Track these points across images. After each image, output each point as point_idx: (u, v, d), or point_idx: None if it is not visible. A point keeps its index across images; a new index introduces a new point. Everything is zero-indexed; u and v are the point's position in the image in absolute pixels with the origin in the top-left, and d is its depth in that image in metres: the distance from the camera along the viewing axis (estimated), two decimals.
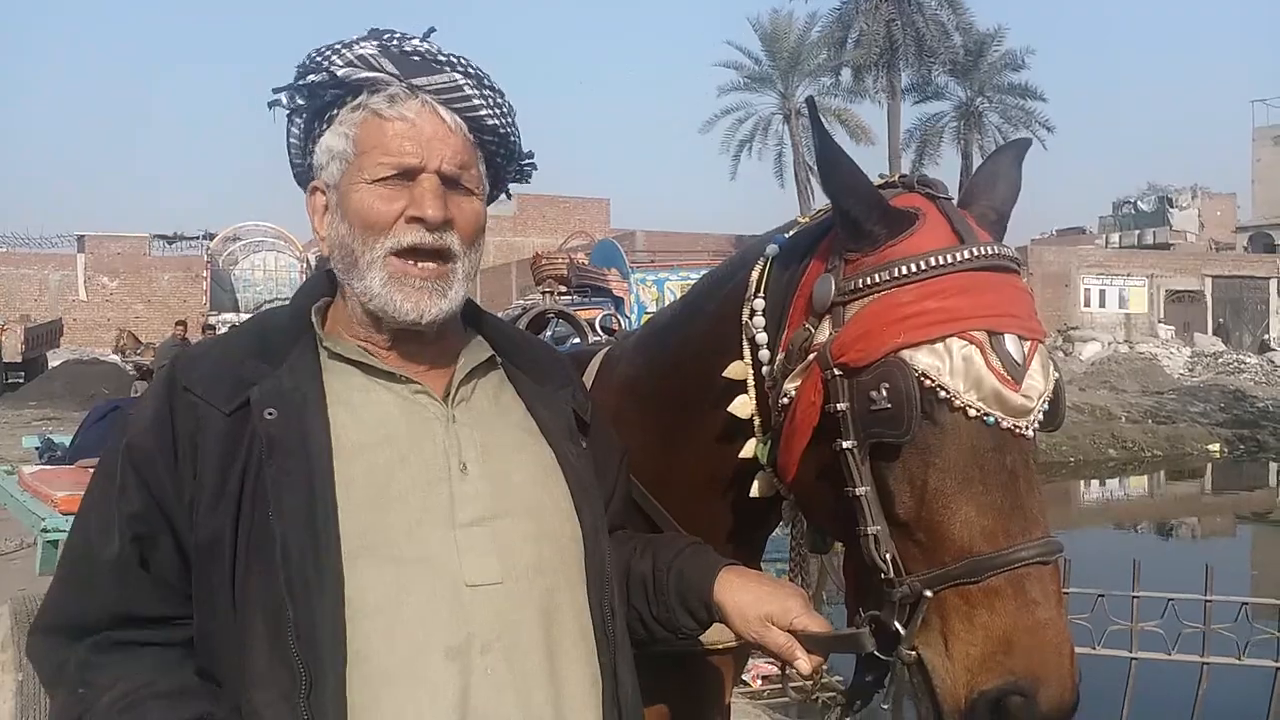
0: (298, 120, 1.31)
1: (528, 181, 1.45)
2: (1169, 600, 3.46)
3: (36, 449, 5.46)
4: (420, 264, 1.23)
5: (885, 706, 1.34)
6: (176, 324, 20.01)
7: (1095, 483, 18.03)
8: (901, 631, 1.20)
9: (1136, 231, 46.08)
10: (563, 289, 5.23)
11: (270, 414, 1.16)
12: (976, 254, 1.22)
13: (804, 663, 1.28)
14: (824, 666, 1.32)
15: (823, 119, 1.34)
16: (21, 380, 26.07)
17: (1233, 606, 3.42)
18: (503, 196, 1.46)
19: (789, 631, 1.28)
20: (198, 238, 35.93)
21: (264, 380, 1.19)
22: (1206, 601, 3.38)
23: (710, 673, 1.75)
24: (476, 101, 1.28)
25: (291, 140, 1.34)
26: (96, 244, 38.17)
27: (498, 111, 1.30)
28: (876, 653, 1.23)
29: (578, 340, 2.54)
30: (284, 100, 1.30)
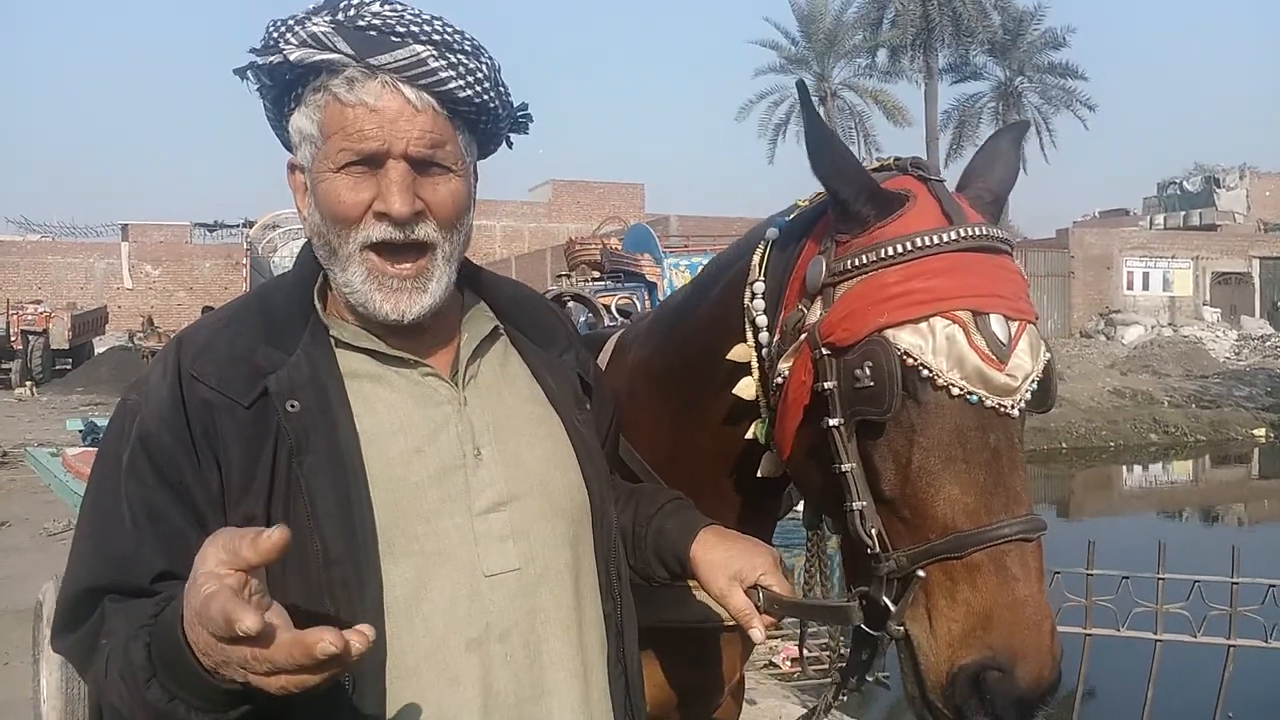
0: (266, 96, 1.25)
1: (525, 133, 1.36)
2: (1195, 582, 3.41)
3: (80, 431, 5.64)
4: (397, 265, 1.19)
5: (879, 676, 1.32)
6: (204, 309, 20.01)
7: (1137, 468, 17.75)
8: (891, 607, 1.21)
9: (1182, 213, 45.00)
10: (596, 274, 5.26)
11: (293, 406, 1.13)
12: (965, 235, 1.22)
13: (758, 631, 1.32)
14: (842, 646, 1.34)
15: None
16: (69, 367, 26.62)
17: (1260, 589, 3.37)
18: (529, 184, 1.42)
19: (757, 587, 1.32)
20: (237, 225, 36.43)
21: (280, 369, 1.16)
22: (1233, 584, 3.33)
23: (720, 649, 1.78)
24: (444, 74, 1.17)
25: (266, 114, 1.28)
26: (140, 232, 38.92)
27: (470, 80, 1.20)
28: (865, 627, 1.25)
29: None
30: (249, 76, 1.23)
